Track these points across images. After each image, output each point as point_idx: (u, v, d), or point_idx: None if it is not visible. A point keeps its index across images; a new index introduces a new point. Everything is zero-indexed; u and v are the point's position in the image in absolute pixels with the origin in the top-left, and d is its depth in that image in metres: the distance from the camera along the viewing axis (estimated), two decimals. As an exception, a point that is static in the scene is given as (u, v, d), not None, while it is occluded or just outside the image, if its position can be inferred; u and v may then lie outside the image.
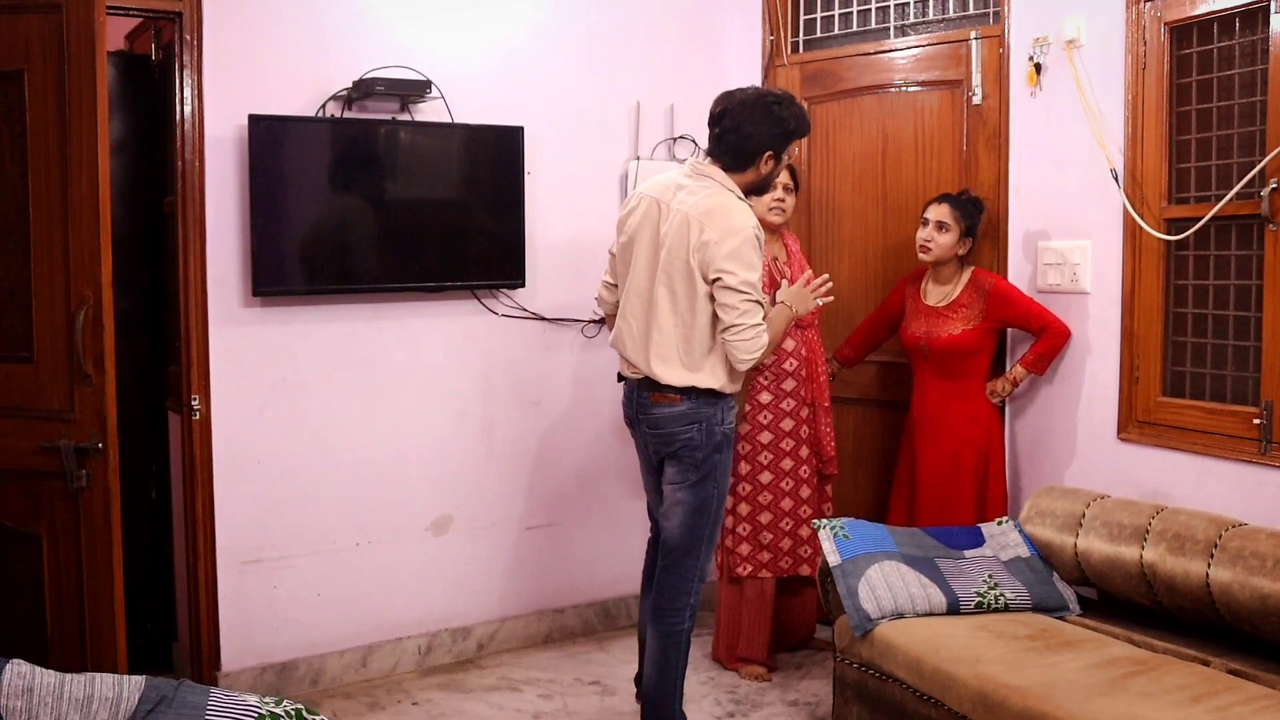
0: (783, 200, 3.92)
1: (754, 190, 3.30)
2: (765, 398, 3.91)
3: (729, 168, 3.22)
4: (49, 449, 2.83)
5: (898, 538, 3.44)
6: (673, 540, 3.28)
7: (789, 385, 3.92)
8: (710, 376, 3.17)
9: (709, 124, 3.25)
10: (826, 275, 3.47)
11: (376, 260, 3.91)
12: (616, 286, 3.41)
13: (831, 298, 3.49)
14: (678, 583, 3.29)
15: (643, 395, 3.24)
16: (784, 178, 3.95)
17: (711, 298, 3.12)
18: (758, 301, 3.09)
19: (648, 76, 4.42)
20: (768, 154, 3.20)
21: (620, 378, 3.38)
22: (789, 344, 3.91)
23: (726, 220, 3.09)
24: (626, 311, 3.27)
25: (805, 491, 3.97)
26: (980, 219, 3.85)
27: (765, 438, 3.92)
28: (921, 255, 3.85)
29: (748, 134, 3.16)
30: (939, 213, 3.81)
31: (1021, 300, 3.76)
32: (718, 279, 3.07)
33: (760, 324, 3.10)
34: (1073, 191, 3.68)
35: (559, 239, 4.28)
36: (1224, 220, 3.28)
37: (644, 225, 3.22)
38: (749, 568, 3.95)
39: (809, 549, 3.98)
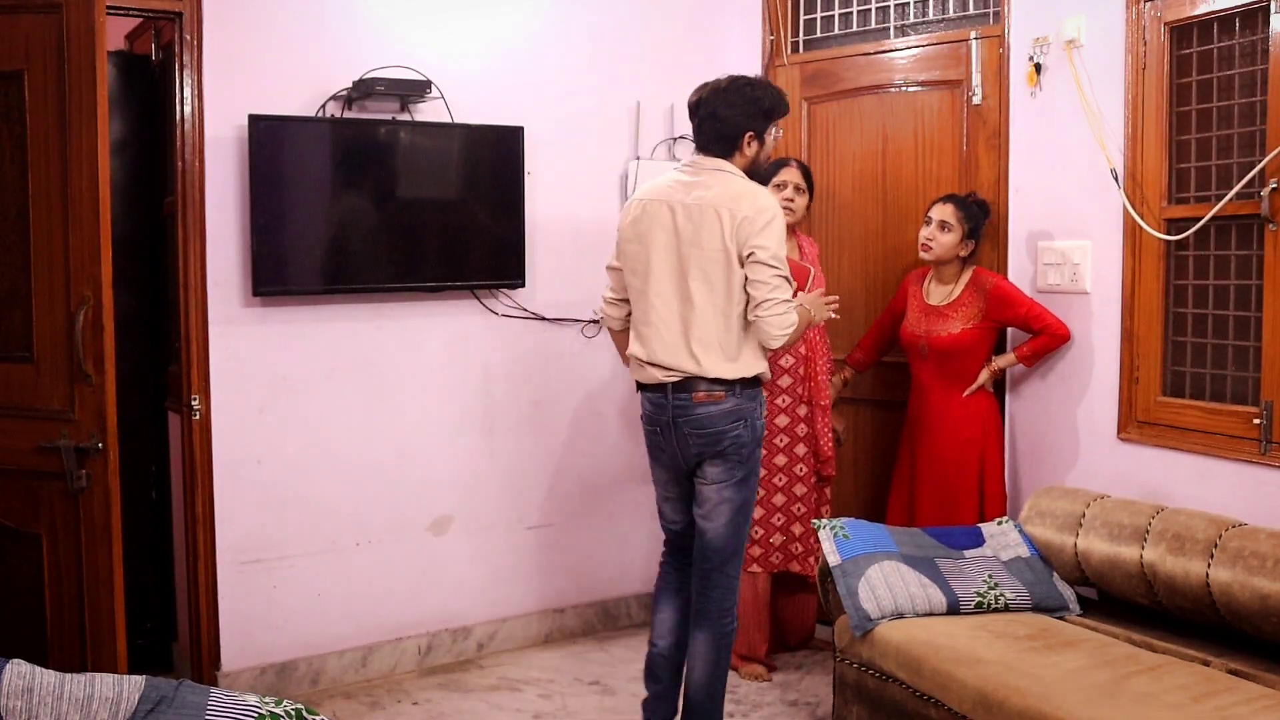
0: (792, 200, 3.94)
1: (747, 176, 3.23)
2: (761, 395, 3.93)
3: (720, 156, 3.20)
4: (49, 449, 2.83)
5: (898, 538, 3.44)
6: (719, 542, 3.21)
7: (785, 383, 3.93)
8: (750, 365, 3.14)
9: (689, 116, 3.23)
10: (835, 296, 3.48)
11: (376, 260, 3.91)
12: (623, 301, 3.33)
13: (837, 316, 3.49)
14: (726, 583, 3.23)
15: (680, 397, 3.15)
16: (795, 178, 3.96)
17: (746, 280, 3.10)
18: (786, 278, 3.07)
19: (648, 76, 4.42)
20: (748, 135, 3.17)
21: (640, 386, 3.26)
22: None
23: (755, 200, 3.09)
24: (650, 318, 3.17)
25: (800, 489, 3.98)
26: (985, 222, 3.85)
27: None
28: (922, 254, 3.84)
29: (724, 117, 3.15)
30: (943, 212, 3.80)
31: (1022, 301, 3.75)
32: (751, 254, 3.05)
33: (790, 300, 3.07)
34: (1073, 191, 3.68)
35: (559, 239, 4.29)
36: (1224, 220, 3.28)
37: (655, 229, 3.16)
38: None
39: (800, 546, 4.00)
